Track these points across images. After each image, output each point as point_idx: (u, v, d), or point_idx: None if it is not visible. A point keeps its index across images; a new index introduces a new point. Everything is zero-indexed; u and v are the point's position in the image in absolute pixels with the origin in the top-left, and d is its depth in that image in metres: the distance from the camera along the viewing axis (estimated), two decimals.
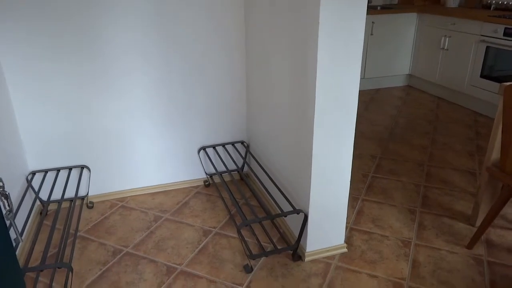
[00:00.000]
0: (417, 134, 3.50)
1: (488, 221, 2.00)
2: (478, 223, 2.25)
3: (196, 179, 2.75)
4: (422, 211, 2.42)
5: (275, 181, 2.33)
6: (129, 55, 2.30)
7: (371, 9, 4.51)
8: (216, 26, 2.40)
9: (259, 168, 2.58)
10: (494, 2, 4.20)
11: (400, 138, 3.43)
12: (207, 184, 2.73)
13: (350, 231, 2.24)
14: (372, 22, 4.42)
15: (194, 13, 2.33)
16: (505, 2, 4.09)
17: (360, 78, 4.65)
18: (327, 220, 1.98)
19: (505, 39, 3.57)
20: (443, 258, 2.02)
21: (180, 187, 2.72)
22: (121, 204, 2.53)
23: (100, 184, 2.55)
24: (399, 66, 4.77)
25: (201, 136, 2.64)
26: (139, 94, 2.41)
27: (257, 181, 2.39)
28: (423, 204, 2.49)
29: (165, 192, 2.67)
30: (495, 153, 2.06)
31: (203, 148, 2.67)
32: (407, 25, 4.58)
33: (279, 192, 2.21)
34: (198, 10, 2.33)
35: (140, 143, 2.52)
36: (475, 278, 1.89)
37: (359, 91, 4.73)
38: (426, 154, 3.14)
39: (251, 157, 2.69)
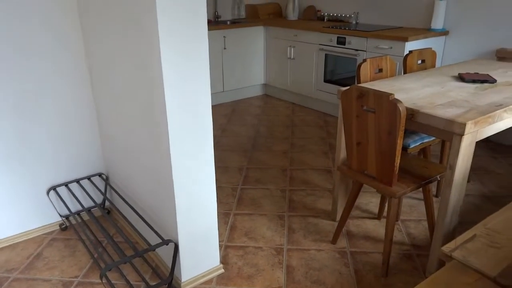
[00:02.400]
0: (278, 140, 3.69)
1: (345, 215, 2.18)
2: (338, 217, 2.44)
3: (50, 224, 2.41)
4: (290, 215, 2.53)
5: (140, 213, 2.17)
6: None
7: (221, 24, 4.63)
8: (52, 48, 2.13)
9: (122, 201, 2.38)
10: (326, 14, 4.70)
11: (263, 146, 3.56)
12: (64, 228, 2.41)
13: (225, 249, 2.21)
14: (224, 37, 4.53)
15: (24, 34, 2.03)
16: (335, 14, 4.62)
17: (220, 92, 4.74)
18: (199, 244, 1.91)
19: (339, 47, 4.02)
20: (313, 257, 2.13)
21: (30, 236, 2.35)
22: None
23: None
24: (255, 77, 5.00)
25: (49, 174, 2.32)
26: None
27: (121, 216, 2.20)
28: (290, 208, 2.60)
29: (11, 246, 2.27)
30: (342, 153, 2.26)
31: (53, 188, 2.35)
32: (256, 38, 4.83)
33: (145, 225, 2.06)
34: (29, 32, 2.04)
35: None
36: (342, 271, 2.04)
37: (221, 104, 4.81)
38: (288, 158, 3.32)
39: (111, 190, 2.47)
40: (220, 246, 2.23)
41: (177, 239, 1.83)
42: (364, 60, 2.40)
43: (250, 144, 3.61)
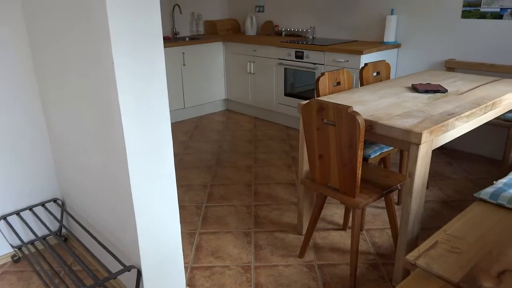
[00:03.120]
0: (241, 155, 3.67)
1: (311, 228, 2.18)
2: (304, 231, 2.44)
3: (0, 256, 2.24)
4: (256, 231, 2.49)
5: (99, 239, 2.07)
6: None
7: (180, 40, 4.59)
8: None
9: (80, 227, 2.26)
10: (284, 29, 4.78)
11: (227, 162, 3.53)
12: (17, 259, 2.26)
13: (191, 271, 2.14)
14: (183, 53, 4.50)
15: None
16: (292, 29, 4.71)
17: (181, 108, 4.68)
18: (164, 268, 1.84)
19: (297, 61, 4.08)
20: (281, 273, 2.11)
21: None
22: None
23: None
24: (216, 92, 4.98)
25: None
26: None
27: (79, 243, 2.08)
28: (256, 224, 2.58)
29: None
30: (305, 166, 2.27)
31: (3, 217, 2.20)
32: (216, 53, 4.82)
33: (106, 251, 1.96)
34: None
35: None
36: (310, 285, 2.02)
37: (182, 121, 4.74)
38: (252, 173, 3.30)
39: (68, 216, 2.34)
40: (186, 268, 2.16)
41: (139, 265, 1.75)
42: (322, 74, 2.45)
43: (214, 160, 3.57)
